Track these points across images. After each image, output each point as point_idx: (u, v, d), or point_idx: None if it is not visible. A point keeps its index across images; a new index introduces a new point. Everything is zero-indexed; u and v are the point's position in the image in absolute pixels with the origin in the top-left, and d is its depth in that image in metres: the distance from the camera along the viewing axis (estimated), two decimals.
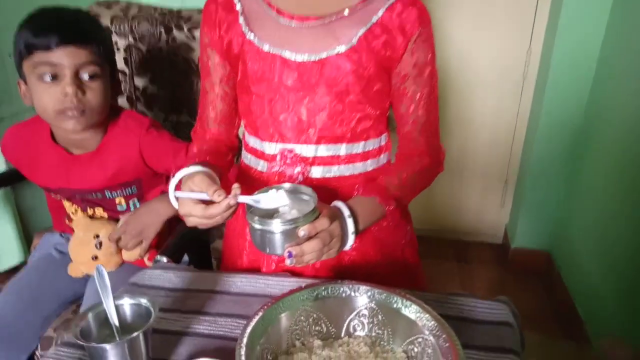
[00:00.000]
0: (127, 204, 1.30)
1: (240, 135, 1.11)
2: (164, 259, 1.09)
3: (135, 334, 0.67)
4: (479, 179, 2.58)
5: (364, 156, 1.00)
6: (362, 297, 0.75)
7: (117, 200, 1.29)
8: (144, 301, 0.74)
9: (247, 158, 1.07)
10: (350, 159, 0.98)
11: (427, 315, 0.69)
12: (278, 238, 0.76)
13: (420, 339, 0.69)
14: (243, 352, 0.62)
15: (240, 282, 0.95)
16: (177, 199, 0.84)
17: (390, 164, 1.06)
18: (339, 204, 0.86)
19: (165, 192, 1.27)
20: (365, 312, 0.75)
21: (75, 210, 1.30)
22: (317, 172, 0.98)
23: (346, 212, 0.84)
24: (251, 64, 0.94)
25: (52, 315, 1.28)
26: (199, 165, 0.85)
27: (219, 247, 1.54)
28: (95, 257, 1.24)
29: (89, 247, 1.24)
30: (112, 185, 1.25)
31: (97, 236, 1.24)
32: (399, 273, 1.08)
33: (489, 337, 0.79)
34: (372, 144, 1.01)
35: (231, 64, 1.00)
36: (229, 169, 1.06)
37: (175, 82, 1.64)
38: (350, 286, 0.76)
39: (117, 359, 0.66)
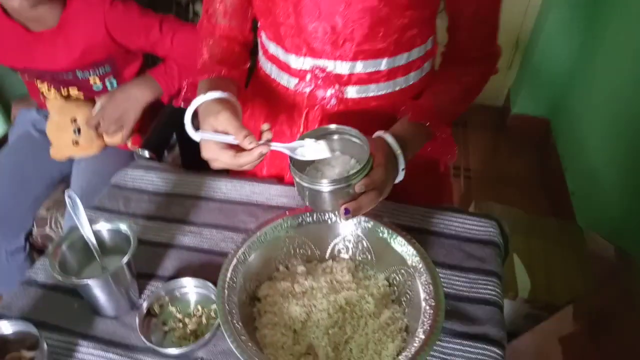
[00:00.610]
0: (103, 83, 1.21)
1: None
2: (146, 153, 1.05)
3: (118, 265, 0.66)
4: None
5: (407, 68, 0.84)
6: (348, 224, 0.73)
7: (91, 80, 1.19)
8: (123, 227, 0.71)
9: (268, 67, 0.90)
10: (391, 74, 0.83)
11: (412, 249, 0.68)
12: (329, 196, 0.65)
13: (403, 271, 0.69)
14: (225, 293, 0.62)
15: (226, 188, 0.92)
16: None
17: (435, 73, 0.91)
18: (387, 137, 0.72)
19: (143, 75, 1.18)
20: (351, 238, 0.74)
21: (49, 90, 1.21)
22: (352, 92, 0.83)
23: (397, 148, 0.72)
24: None
25: (42, 195, 1.28)
26: (218, 91, 0.71)
27: None
28: (76, 142, 1.19)
29: (68, 133, 1.18)
30: (82, 65, 1.14)
31: (75, 120, 1.18)
32: (426, 188, 0.97)
33: (473, 259, 0.79)
34: (417, 53, 0.84)
35: None
36: (246, 76, 0.90)
37: None
38: (336, 213, 0.73)
39: (102, 289, 0.67)
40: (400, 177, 0.74)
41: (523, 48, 2.36)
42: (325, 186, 0.63)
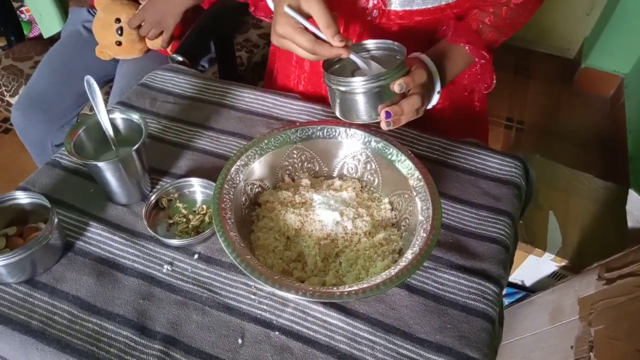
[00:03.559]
0: None
1: None
2: (179, 57, 1.05)
3: (128, 152, 0.68)
4: None
5: None
6: (357, 143, 0.71)
7: None
8: (135, 117, 0.73)
9: None
10: None
11: (418, 173, 0.65)
12: (364, 99, 0.62)
13: (406, 195, 0.67)
14: (222, 190, 0.63)
15: (249, 98, 0.91)
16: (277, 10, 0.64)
17: None
18: (424, 58, 0.70)
19: None
20: (360, 157, 0.72)
21: None
22: (395, 3, 0.78)
23: (433, 67, 0.69)
24: None
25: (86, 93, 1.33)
26: None
27: (252, 38, 1.46)
28: (119, 43, 1.21)
29: (111, 32, 1.20)
30: None
31: (118, 20, 1.19)
32: (462, 120, 0.96)
33: (488, 196, 0.75)
34: None
35: None
36: None
37: None
38: (347, 130, 0.71)
39: (113, 174, 0.69)
40: (434, 100, 0.71)
41: None
42: (359, 84, 0.60)
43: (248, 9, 0.87)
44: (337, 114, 0.67)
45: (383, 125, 0.62)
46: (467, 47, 0.75)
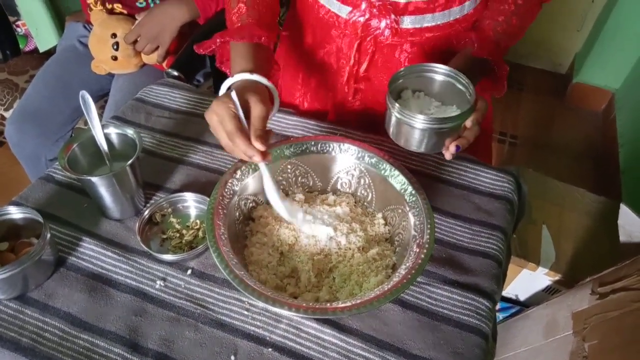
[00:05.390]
0: (146, 1, 1.21)
1: None
2: (175, 72, 1.06)
3: (122, 167, 0.68)
4: None
5: None
6: (351, 158, 0.71)
7: None
8: (130, 132, 0.73)
9: None
10: (447, 3, 0.77)
11: (411, 188, 0.65)
12: (431, 134, 0.64)
13: (400, 210, 0.67)
14: (216, 206, 0.63)
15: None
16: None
17: (487, 3, 0.84)
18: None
19: None
20: (354, 172, 0.72)
21: (95, 3, 1.23)
22: (407, 22, 0.79)
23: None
24: None
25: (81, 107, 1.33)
26: (256, 75, 0.67)
27: None
28: (115, 58, 1.22)
29: (107, 47, 1.20)
30: None
31: (115, 35, 1.20)
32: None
33: (481, 211, 0.75)
34: None
35: None
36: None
37: None
38: (341, 145, 0.71)
39: (107, 189, 0.69)
40: None
41: (600, 6, 2.15)
42: (429, 124, 0.62)
43: None
44: (392, 137, 0.68)
45: (448, 156, 0.66)
46: (490, 60, 0.76)
